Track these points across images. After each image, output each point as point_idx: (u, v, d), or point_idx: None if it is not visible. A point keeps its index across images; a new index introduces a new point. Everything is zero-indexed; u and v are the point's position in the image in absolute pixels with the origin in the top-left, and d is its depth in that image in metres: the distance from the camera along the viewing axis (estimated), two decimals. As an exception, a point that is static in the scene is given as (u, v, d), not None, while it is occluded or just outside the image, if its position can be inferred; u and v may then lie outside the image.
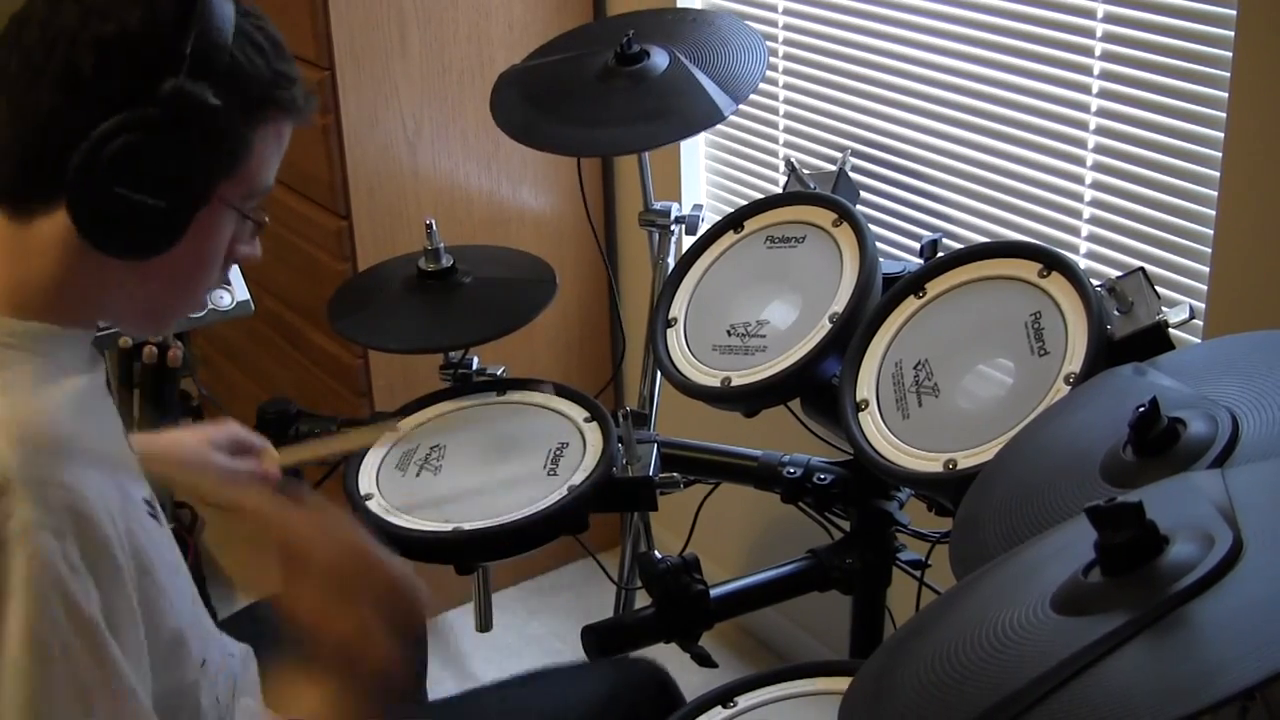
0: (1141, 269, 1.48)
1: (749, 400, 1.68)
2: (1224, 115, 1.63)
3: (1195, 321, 1.66)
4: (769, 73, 2.20)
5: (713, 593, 1.52)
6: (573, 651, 2.58)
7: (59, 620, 1.01)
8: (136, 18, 1.06)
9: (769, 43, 2.18)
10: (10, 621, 1.00)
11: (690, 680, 1.61)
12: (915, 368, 1.55)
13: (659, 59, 1.95)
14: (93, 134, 1.05)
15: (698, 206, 2.17)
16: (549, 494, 1.62)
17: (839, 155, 2.04)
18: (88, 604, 1.02)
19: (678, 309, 1.78)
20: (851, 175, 1.92)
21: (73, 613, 1.01)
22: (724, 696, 1.37)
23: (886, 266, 1.71)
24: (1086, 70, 1.81)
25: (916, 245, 2.00)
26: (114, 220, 1.08)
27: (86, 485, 1.05)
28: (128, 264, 1.11)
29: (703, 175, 2.57)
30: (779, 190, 1.93)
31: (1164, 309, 1.43)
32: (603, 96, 1.95)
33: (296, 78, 1.17)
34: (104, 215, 1.07)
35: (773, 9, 2.28)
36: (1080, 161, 1.85)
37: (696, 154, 2.54)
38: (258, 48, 1.13)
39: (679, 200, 2.43)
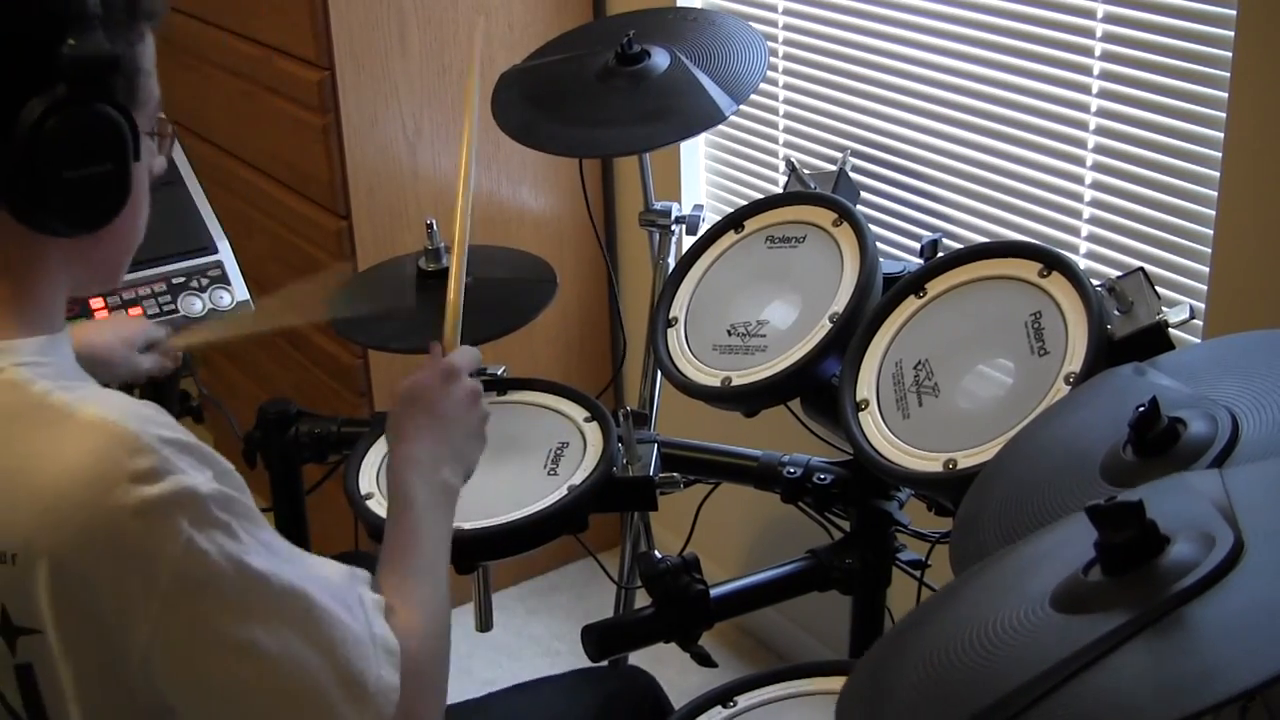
0: (1141, 269, 1.47)
1: (749, 400, 1.68)
2: (1224, 115, 1.63)
3: (1195, 321, 1.66)
4: (769, 73, 2.20)
5: (713, 593, 1.52)
6: (572, 651, 2.58)
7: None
8: None
9: (769, 43, 2.18)
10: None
11: (690, 680, 1.61)
12: (915, 367, 1.55)
13: (659, 59, 1.95)
14: (12, 134, 1.01)
15: (698, 206, 2.17)
16: (549, 494, 1.62)
17: (839, 155, 2.04)
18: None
19: (678, 309, 1.78)
20: (851, 175, 1.92)
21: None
22: (724, 696, 1.37)
23: (886, 266, 1.71)
24: (1086, 70, 1.81)
25: (916, 245, 2.00)
26: (71, 203, 1.04)
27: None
28: (82, 236, 1.08)
29: (703, 175, 2.57)
30: (779, 190, 1.93)
31: (1164, 309, 1.43)
32: (603, 96, 1.95)
33: None
34: (57, 203, 1.04)
35: (773, 9, 2.28)
36: (1080, 161, 1.85)
37: (696, 154, 2.55)
38: None
39: (679, 200, 2.43)
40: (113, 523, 0.98)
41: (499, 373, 1.91)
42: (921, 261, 1.74)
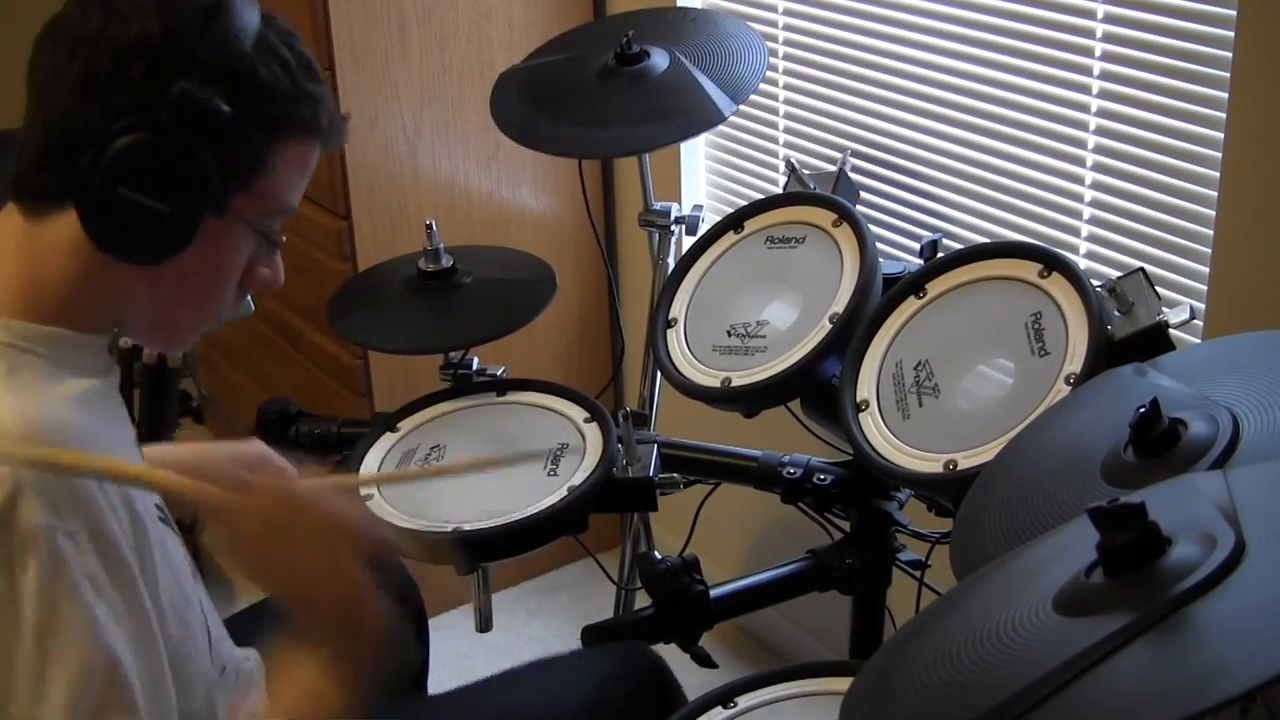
0: (1141, 269, 1.47)
1: (749, 400, 1.68)
2: (1224, 115, 1.63)
3: (1195, 321, 1.66)
4: (769, 73, 2.20)
5: (713, 593, 1.52)
6: (573, 652, 2.58)
7: (76, 630, 1.01)
8: (158, 24, 1.07)
9: (769, 43, 2.18)
10: (26, 628, 1.00)
11: (690, 680, 1.61)
12: (915, 368, 1.55)
13: (659, 59, 1.95)
14: (100, 135, 1.06)
15: (698, 207, 2.17)
16: (549, 494, 1.62)
17: (839, 155, 2.03)
18: (99, 606, 1.02)
19: (678, 309, 1.78)
20: (851, 175, 1.92)
21: (87, 618, 1.01)
22: (724, 696, 1.37)
23: (886, 266, 1.71)
24: (1086, 70, 1.81)
25: (916, 245, 2.00)
26: (118, 222, 1.08)
27: (93, 485, 1.05)
28: (137, 269, 1.11)
29: (703, 175, 2.57)
30: (779, 190, 1.93)
31: (1164, 309, 1.43)
32: (603, 97, 1.95)
33: (323, 98, 1.16)
34: (109, 216, 1.08)
35: (773, 9, 2.28)
36: (1080, 161, 1.85)
37: (696, 154, 2.54)
38: (282, 63, 1.12)
39: (679, 200, 2.43)
40: None
41: (499, 373, 1.91)
42: (921, 261, 1.74)
